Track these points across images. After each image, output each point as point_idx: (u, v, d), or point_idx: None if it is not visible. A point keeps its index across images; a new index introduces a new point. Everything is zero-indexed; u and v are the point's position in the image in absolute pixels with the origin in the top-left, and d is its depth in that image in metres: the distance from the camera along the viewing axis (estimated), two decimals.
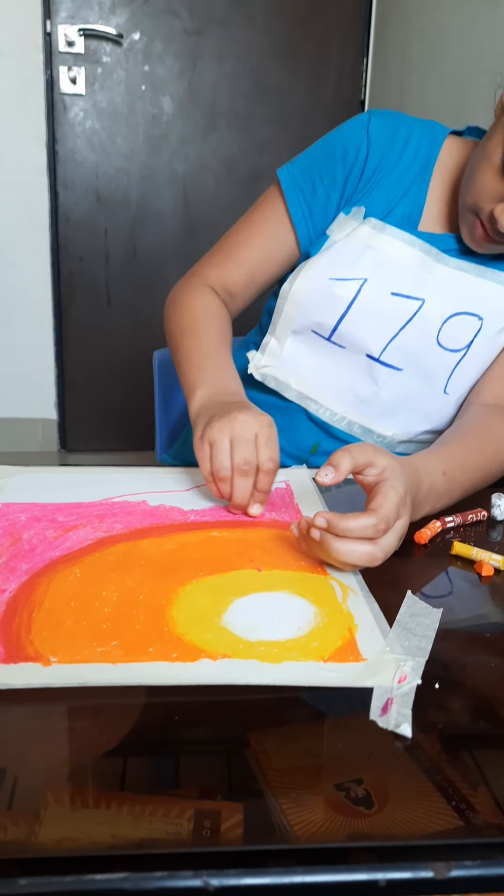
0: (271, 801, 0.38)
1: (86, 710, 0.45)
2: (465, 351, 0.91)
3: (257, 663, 0.48)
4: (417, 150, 0.92)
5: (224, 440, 0.73)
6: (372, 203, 0.92)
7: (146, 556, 0.63)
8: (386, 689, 0.46)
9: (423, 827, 0.37)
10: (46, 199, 2.61)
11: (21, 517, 0.71)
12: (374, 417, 0.96)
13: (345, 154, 0.92)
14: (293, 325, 0.94)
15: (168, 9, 2.54)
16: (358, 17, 2.66)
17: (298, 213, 0.94)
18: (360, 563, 0.60)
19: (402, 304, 0.89)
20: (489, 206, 0.81)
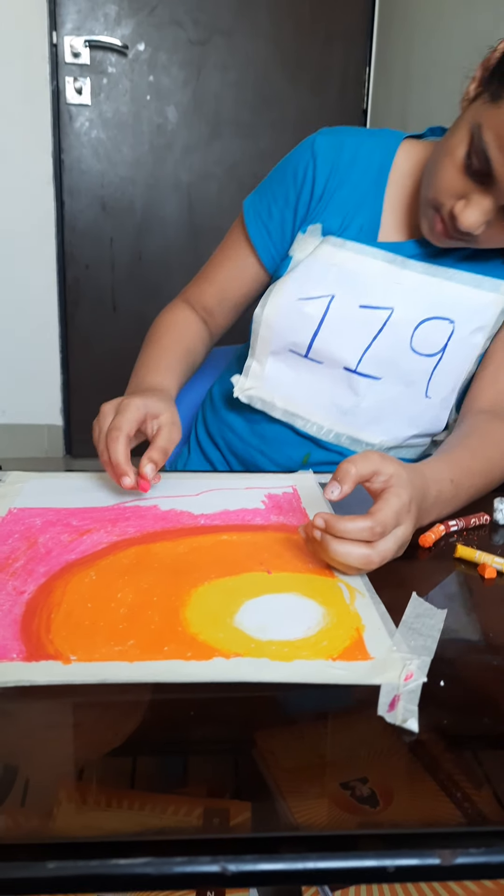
0: (278, 800, 0.40)
1: (96, 707, 0.47)
2: (440, 354, 0.92)
3: (269, 661, 0.50)
4: (369, 161, 0.94)
5: (106, 419, 0.80)
6: (327, 219, 0.94)
7: (159, 559, 0.65)
8: (393, 686, 0.48)
9: (429, 817, 0.39)
10: (52, 207, 2.64)
11: (36, 521, 0.73)
12: (360, 427, 0.97)
13: (294, 175, 0.96)
14: (270, 347, 0.96)
15: (173, 20, 2.57)
16: (360, 26, 2.70)
17: (257, 236, 1.00)
18: (356, 564, 0.62)
19: (372, 314, 0.91)
20: (450, 203, 0.81)
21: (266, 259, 1.01)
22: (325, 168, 0.94)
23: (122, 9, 2.53)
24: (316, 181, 0.95)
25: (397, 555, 0.65)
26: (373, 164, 0.94)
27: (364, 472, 0.64)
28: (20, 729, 0.45)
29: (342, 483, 0.64)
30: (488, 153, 0.74)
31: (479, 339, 0.93)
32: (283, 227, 0.98)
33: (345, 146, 0.94)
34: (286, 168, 0.98)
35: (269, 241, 1.00)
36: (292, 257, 0.96)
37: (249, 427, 1.04)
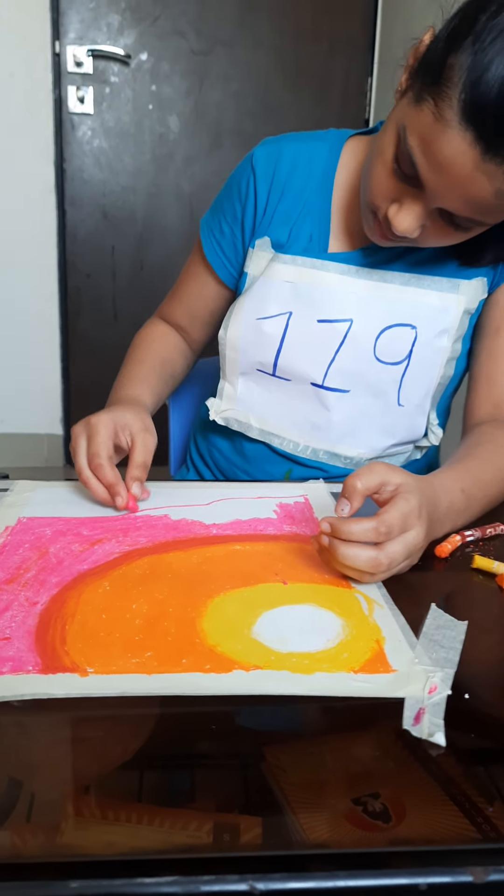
0: (289, 815, 0.39)
1: (109, 720, 0.46)
2: (406, 361, 0.91)
3: (290, 674, 0.49)
4: (310, 167, 0.93)
5: (81, 441, 0.80)
6: (274, 231, 0.93)
7: (172, 570, 0.64)
8: (417, 699, 0.47)
9: (454, 834, 0.38)
10: (54, 216, 2.64)
11: (46, 531, 0.72)
12: (335, 441, 0.96)
13: (238, 190, 0.96)
14: (239, 368, 0.96)
15: (175, 30, 2.58)
16: (362, 36, 2.71)
17: (212, 254, 1.01)
18: (364, 567, 0.61)
19: (331, 328, 0.90)
20: (384, 207, 0.77)
21: (223, 276, 1.01)
22: (265, 180, 0.93)
23: (125, 19, 2.54)
24: (258, 195, 0.94)
25: (410, 562, 0.65)
26: (316, 170, 0.92)
27: (371, 485, 0.64)
28: (35, 742, 0.44)
29: (350, 500, 0.64)
30: (414, 158, 0.70)
31: (445, 343, 0.91)
32: (234, 243, 0.98)
33: (283, 155, 0.93)
34: (231, 184, 0.98)
35: (223, 258, 1.00)
36: (247, 273, 0.95)
37: (232, 446, 1.04)
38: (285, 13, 2.64)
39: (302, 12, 2.65)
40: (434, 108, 0.66)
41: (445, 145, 0.66)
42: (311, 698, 0.48)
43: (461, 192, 0.69)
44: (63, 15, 2.50)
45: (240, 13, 2.61)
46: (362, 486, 0.63)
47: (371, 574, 0.62)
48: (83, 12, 2.51)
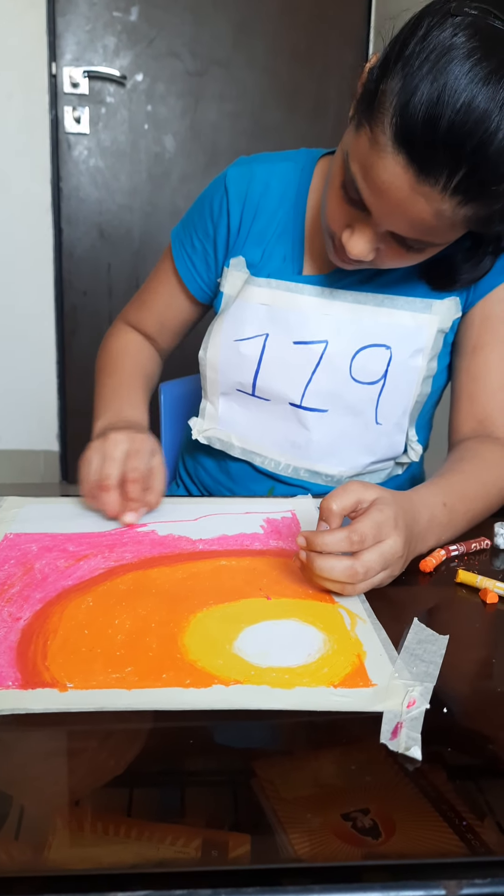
0: (278, 831, 0.39)
1: (92, 735, 0.46)
2: (382, 381, 0.91)
3: (269, 689, 0.49)
4: (284, 186, 0.93)
5: (95, 458, 0.80)
6: (248, 251, 0.94)
7: (157, 585, 0.65)
8: (395, 713, 0.48)
9: (433, 848, 0.38)
10: (51, 234, 2.66)
11: (32, 547, 0.72)
12: (316, 460, 0.96)
13: (210, 208, 0.97)
14: (219, 388, 0.97)
15: (171, 51, 2.61)
16: (356, 57, 2.74)
17: (183, 267, 1.01)
18: (340, 577, 0.61)
19: (307, 350, 0.90)
20: (339, 232, 0.78)
21: (194, 290, 1.02)
22: (238, 201, 0.94)
23: (121, 41, 2.57)
24: (231, 215, 0.94)
25: (390, 572, 0.65)
26: (289, 191, 0.93)
27: (346, 505, 0.64)
28: (15, 758, 0.44)
29: (328, 521, 0.65)
30: (356, 185, 0.71)
31: (420, 362, 0.92)
32: (206, 259, 0.99)
33: (255, 176, 0.94)
34: (203, 201, 0.98)
35: (194, 273, 1.01)
36: (223, 292, 0.96)
37: (217, 465, 1.05)
38: (279, 34, 2.67)
39: (295, 34, 2.68)
40: (370, 135, 0.67)
41: (382, 170, 0.67)
42: (296, 713, 0.48)
43: (403, 214, 0.70)
44: (59, 37, 2.54)
45: (234, 34, 2.65)
46: (338, 507, 0.64)
47: (350, 584, 0.62)
48: (79, 34, 2.55)
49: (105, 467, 0.78)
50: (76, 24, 2.54)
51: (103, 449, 0.80)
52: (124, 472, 0.78)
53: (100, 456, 0.79)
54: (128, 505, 0.79)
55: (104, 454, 0.79)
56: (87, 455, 0.81)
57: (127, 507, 0.79)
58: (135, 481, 0.78)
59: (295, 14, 2.67)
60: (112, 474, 0.78)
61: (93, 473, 0.79)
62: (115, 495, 0.78)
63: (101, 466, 0.79)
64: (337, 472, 0.97)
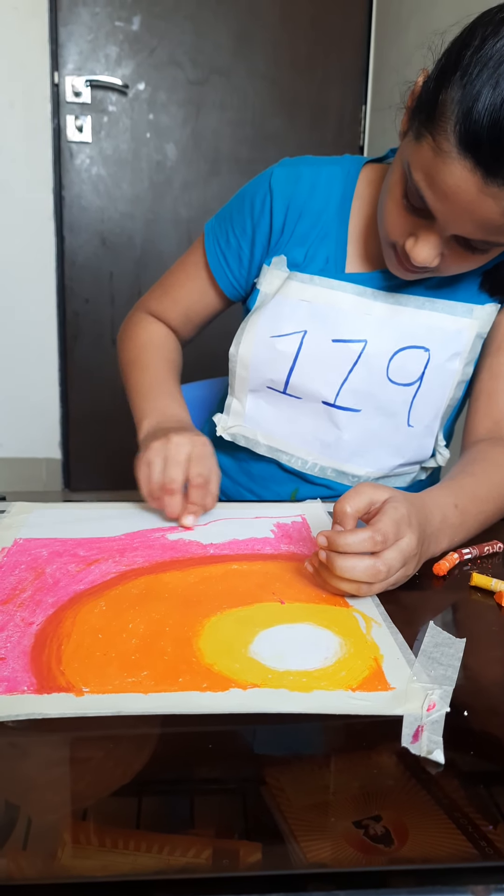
0: (289, 839, 0.38)
1: (106, 740, 0.45)
2: (418, 383, 0.92)
3: (287, 692, 0.49)
4: (329, 189, 0.94)
5: (158, 461, 0.80)
6: (291, 251, 0.94)
7: (169, 589, 0.64)
8: (416, 717, 0.47)
9: (454, 853, 0.38)
10: (53, 242, 2.66)
11: (43, 552, 0.71)
12: (344, 459, 0.96)
13: (251, 206, 0.96)
14: (248, 385, 0.96)
15: (172, 60, 2.62)
16: (356, 65, 2.75)
17: (216, 264, 1.00)
18: (364, 577, 0.61)
19: (345, 348, 0.91)
20: (401, 241, 0.80)
21: (225, 287, 1.01)
22: (283, 201, 0.94)
23: (123, 50, 2.58)
24: (274, 214, 0.94)
25: (405, 571, 0.64)
26: (334, 193, 0.94)
27: (360, 507, 0.65)
28: (31, 763, 0.43)
29: (342, 524, 0.65)
30: (421, 192, 0.73)
31: (457, 366, 0.92)
32: (240, 256, 0.99)
33: (302, 177, 0.94)
34: (244, 198, 0.98)
35: (227, 270, 1.00)
36: (260, 290, 0.96)
37: (237, 465, 1.04)
38: (280, 43, 2.68)
39: (296, 42, 2.69)
40: (433, 143, 0.69)
41: (448, 176, 0.69)
42: (309, 717, 0.47)
43: (470, 217, 0.71)
44: (62, 46, 2.55)
45: (235, 43, 2.66)
46: (352, 508, 0.64)
47: (369, 584, 0.62)
48: (82, 44, 2.56)
49: (169, 471, 0.79)
50: (78, 34, 2.55)
51: (165, 451, 0.80)
52: (188, 477, 0.79)
53: (162, 458, 0.80)
54: (187, 508, 0.79)
55: (166, 457, 0.80)
56: (147, 456, 0.81)
57: (187, 509, 0.79)
58: (199, 486, 0.79)
59: (295, 23, 2.68)
60: (178, 479, 0.78)
61: (156, 476, 0.79)
62: (179, 499, 0.79)
63: (164, 469, 0.79)
64: (364, 473, 0.97)
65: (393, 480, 1.00)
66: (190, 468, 0.79)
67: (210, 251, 1.00)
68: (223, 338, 1.06)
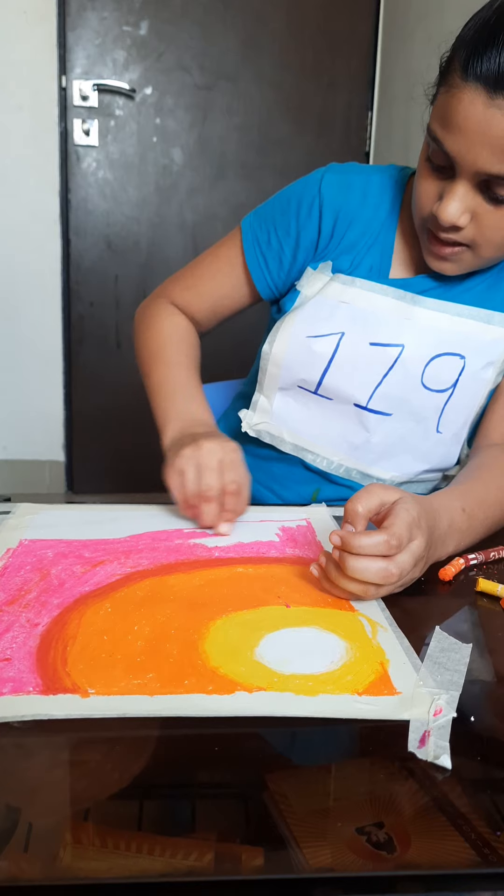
0: (291, 845, 0.38)
1: (104, 743, 0.45)
2: (451, 390, 0.92)
3: (293, 696, 0.49)
4: (380, 197, 0.94)
5: (191, 468, 0.79)
6: (338, 257, 0.94)
7: (174, 592, 0.64)
8: (422, 721, 0.47)
9: (462, 859, 0.37)
10: (59, 245, 2.67)
11: (48, 553, 0.71)
12: (371, 462, 0.96)
13: (298, 208, 0.95)
14: (279, 383, 0.96)
15: (179, 65, 2.63)
16: (363, 72, 2.76)
17: (254, 262, 0.99)
18: (376, 579, 0.61)
19: (382, 352, 0.90)
20: (429, 207, 0.81)
21: (262, 287, 1.00)
22: (333, 208, 0.93)
23: (131, 55, 2.59)
24: (323, 220, 0.94)
25: (413, 574, 0.64)
26: (384, 201, 0.94)
27: (371, 507, 0.65)
28: (35, 764, 0.43)
29: (354, 524, 0.65)
30: (438, 138, 0.75)
31: (490, 375, 0.92)
32: (281, 258, 0.97)
33: (353, 186, 0.94)
34: (290, 200, 0.96)
35: (265, 270, 0.99)
36: (300, 292, 0.95)
37: (257, 464, 1.03)
38: (287, 49, 2.69)
39: (303, 48, 2.70)
40: (445, 90, 0.75)
41: (457, 103, 0.73)
42: (314, 722, 0.47)
43: (483, 140, 0.72)
44: (70, 51, 2.56)
45: (242, 49, 2.67)
46: (363, 509, 0.64)
47: (378, 587, 0.62)
48: (89, 48, 2.57)
49: (205, 479, 0.78)
50: (86, 38, 2.56)
51: (197, 459, 0.79)
52: (223, 484, 0.79)
53: (194, 466, 0.79)
54: (223, 515, 0.79)
55: (199, 464, 0.79)
56: (179, 464, 0.80)
57: (222, 517, 0.79)
58: (233, 493, 0.79)
59: (302, 29, 2.69)
60: (215, 486, 0.78)
61: (190, 484, 0.79)
62: (216, 506, 0.79)
63: (198, 477, 0.78)
64: (389, 477, 0.96)
65: (414, 486, 1.00)
66: (224, 475, 0.79)
67: (249, 250, 0.99)
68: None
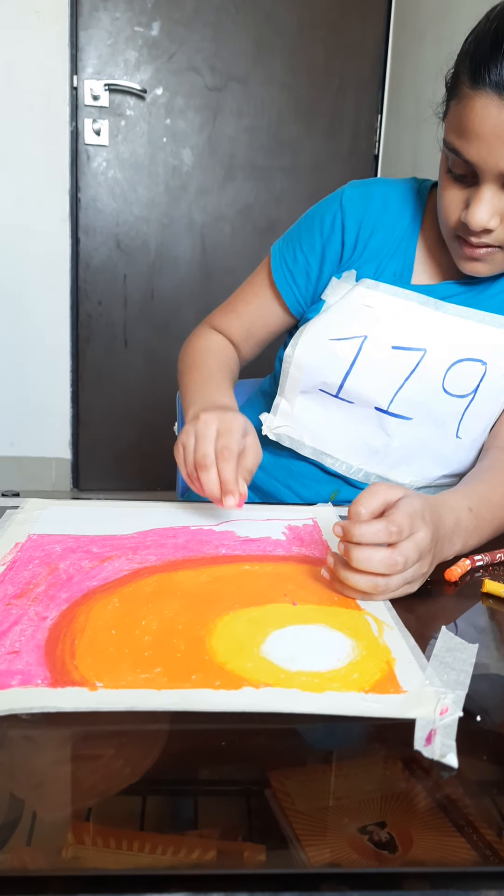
0: (293, 844, 0.38)
1: (110, 737, 0.45)
2: (472, 395, 0.92)
3: (300, 692, 0.49)
4: (402, 207, 0.96)
5: (190, 441, 0.79)
6: (362, 266, 0.95)
7: (181, 588, 0.64)
8: (428, 720, 0.47)
9: (464, 859, 0.38)
10: (68, 244, 2.68)
11: (56, 548, 0.72)
12: (390, 466, 0.97)
13: (321, 223, 0.98)
14: (300, 387, 0.96)
15: (190, 66, 2.64)
16: (373, 74, 2.76)
17: (282, 282, 1.02)
18: (381, 568, 0.61)
19: (405, 356, 0.91)
20: (457, 216, 0.83)
21: (290, 303, 1.03)
22: (355, 219, 0.96)
23: (142, 55, 2.60)
24: (346, 232, 0.96)
25: (422, 569, 0.64)
26: (407, 210, 0.96)
27: (375, 507, 0.64)
28: (43, 756, 0.44)
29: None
30: (456, 148, 0.77)
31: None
32: (308, 274, 1.00)
33: (374, 195, 0.97)
34: (314, 218, 1.00)
35: (294, 288, 1.01)
36: (325, 301, 0.97)
37: (275, 461, 1.04)
38: (297, 51, 2.70)
39: (314, 50, 2.71)
40: (456, 102, 0.77)
41: (471, 112, 0.75)
42: (319, 720, 0.47)
43: (502, 141, 0.74)
44: (81, 50, 2.57)
45: (253, 51, 2.67)
46: (366, 509, 0.64)
47: (387, 580, 0.61)
48: (101, 48, 2.58)
49: (200, 447, 0.77)
50: (98, 38, 2.57)
51: (195, 429, 0.79)
52: (217, 451, 0.77)
53: (193, 437, 0.79)
54: (225, 488, 0.76)
55: (196, 434, 0.79)
56: (180, 439, 0.80)
57: (225, 489, 0.76)
58: (226, 459, 0.76)
59: (313, 31, 2.69)
60: (208, 453, 0.77)
61: (189, 455, 0.78)
62: (214, 474, 0.76)
63: (195, 447, 0.78)
64: (408, 482, 0.97)
65: (433, 492, 0.98)
66: (217, 441, 0.78)
67: (276, 268, 1.02)
68: None
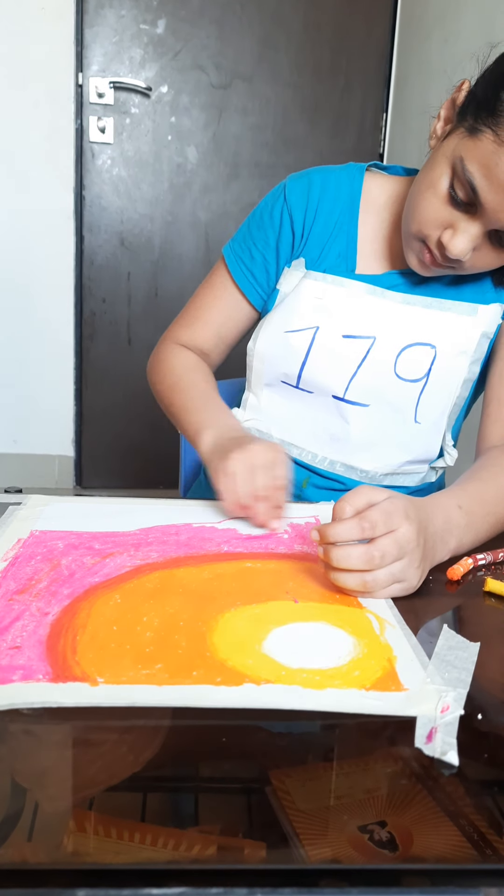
0: (294, 841, 0.38)
1: (111, 732, 0.45)
2: (425, 379, 0.94)
3: (301, 689, 0.49)
4: (337, 192, 0.98)
5: (245, 470, 0.80)
6: (308, 252, 0.99)
7: (183, 585, 0.64)
8: (429, 718, 0.47)
9: (466, 857, 0.38)
10: (72, 241, 2.68)
11: (58, 544, 0.72)
12: (352, 453, 0.99)
13: (271, 218, 1.01)
14: (264, 379, 1.00)
15: (195, 64, 2.64)
16: (378, 73, 2.76)
17: (243, 279, 1.04)
18: (359, 564, 0.61)
19: (355, 344, 0.94)
20: (436, 233, 0.83)
21: (254, 299, 1.05)
22: (300, 208, 0.99)
23: (147, 53, 2.60)
24: (294, 221, 0.99)
25: (411, 565, 0.63)
26: (342, 194, 0.99)
27: (359, 506, 0.64)
28: (43, 750, 0.44)
29: None
30: (474, 183, 0.76)
31: (463, 363, 0.95)
32: (266, 268, 1.03)
33: (313, 183, 0.99)
34: (262, 215, 1.02)
35: (254, 282, 1.04)
36: (279, 290, 1.00)
37: None
38: (303, 49, 2.69)
39: (319, 49, 2.70)
40: (493, 136, 0.74)
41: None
42: (320, 717, 0.47)
43: None
44: (87, 48, 2.57)
45: (259, 49, 2.67)
46: (351, 507, 0.64)
47: (373, 575, 0.62)
48: (106, 46, 2.57)
49: (258, 478, 0.79)
50: (103, 36, 2.57)
51: (248, 460, 0.80)
52: (273, 482, 0.80)
53: (248, 468, 0.80)
54: (273, 512, 0.80)
55: (252, 465, 0.80)
56: (229, 467, 0.80)
57: (274, 514, 0.80)
58: (281, 489, 0.80)
59: (318, 30, 2.69)
60: (267, 485, 0.79)
61: (242, 484, 0.79)
62: (268, 505, 0.80)
63: (250, 477, 0.79)
64: (372, 468, 0.99)
65: (402, 479, 1.02)
66: (272, 473, 0.80)
67: (234, 269, 1.04)
68: None
